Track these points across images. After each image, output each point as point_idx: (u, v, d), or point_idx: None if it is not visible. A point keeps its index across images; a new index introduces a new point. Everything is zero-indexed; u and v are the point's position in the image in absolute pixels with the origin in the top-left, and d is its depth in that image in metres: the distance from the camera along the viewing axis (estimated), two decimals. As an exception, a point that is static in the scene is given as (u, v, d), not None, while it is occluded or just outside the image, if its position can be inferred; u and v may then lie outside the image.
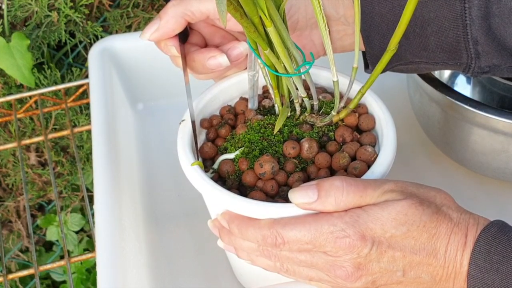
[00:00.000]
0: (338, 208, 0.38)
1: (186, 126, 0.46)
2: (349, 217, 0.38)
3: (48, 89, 0.76)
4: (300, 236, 0.38)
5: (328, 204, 0.38)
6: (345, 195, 0.38)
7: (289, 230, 0.38)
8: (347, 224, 0.38)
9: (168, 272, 0.57)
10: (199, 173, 0.42)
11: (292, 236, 0.38)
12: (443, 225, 0.39)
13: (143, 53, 0.71)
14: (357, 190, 0.38)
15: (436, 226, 0.39)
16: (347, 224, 0.38)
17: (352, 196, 0.38)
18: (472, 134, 0.55)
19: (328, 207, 0.38)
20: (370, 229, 0.38)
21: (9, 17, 0.77)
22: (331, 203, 0.38)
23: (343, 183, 0.38)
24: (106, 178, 0.55)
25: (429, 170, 0.64)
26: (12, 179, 0.92)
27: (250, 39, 0.39)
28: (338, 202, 0.38)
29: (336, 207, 0.38)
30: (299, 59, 0.41)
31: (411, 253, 0.39)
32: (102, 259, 0.49)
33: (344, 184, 0.38)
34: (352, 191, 0.38)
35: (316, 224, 0.38)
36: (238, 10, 0.33)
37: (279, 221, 0.39)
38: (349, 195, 0.38)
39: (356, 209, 0.39)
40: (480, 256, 0.38)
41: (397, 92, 0.68)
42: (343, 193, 0.38)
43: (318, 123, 0.45)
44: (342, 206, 0.38)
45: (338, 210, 0.39)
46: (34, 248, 0.61)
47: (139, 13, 0.83)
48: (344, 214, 0.39)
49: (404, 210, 0.38)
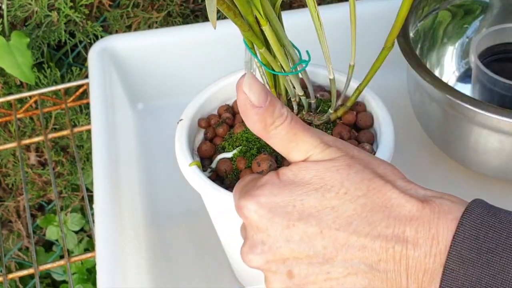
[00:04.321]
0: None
1: (184, 126, 0.46)
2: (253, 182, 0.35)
3: (48, 89, 0.76)
4: None
5: None
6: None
7: None
8: (247, 193, 0.34)
9: (168, 272, 0.57)
10: (197, 172, 0.42)
11: None
12: (381, 194, 0.32)
13: (143, 53, 0.71)
14: (292, 130, 0.34)
15: (366, 194, 0.32)
16: (248, 193, 0.34)
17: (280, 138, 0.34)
18: (472, 133, 0.55)
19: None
20: (273, 195, 0.33)
21: (9, 17, 0.77)
22: None
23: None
24: (106, 178, 0.55)
25: (429, 170, 0.64)
26: (12, 179, 0.92)
27: (245, 37, 0.39)
28: None
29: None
30: (296, 57, 0.41)
31: (330, 228, 0.32)
32: (102, 259, 0.49)
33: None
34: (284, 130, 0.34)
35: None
36: (232, 9, 0.33)
37: None
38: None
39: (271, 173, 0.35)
40: (464, 244, 0.30)
41: (397, 91, 0.68)
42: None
43: (316, 122, 0.45)
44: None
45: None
46: (34, 248, 0.61)
47: (139, 13, 0.83)
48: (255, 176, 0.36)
49: (320, 173, 0.33)
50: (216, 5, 0.29)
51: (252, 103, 0.34)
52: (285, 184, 0.34)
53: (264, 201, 0.34)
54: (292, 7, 0.89)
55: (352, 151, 0.35)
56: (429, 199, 0.32)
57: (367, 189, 0.32)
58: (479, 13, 0.68)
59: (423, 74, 0.55)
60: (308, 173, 0.34)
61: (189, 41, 0.70)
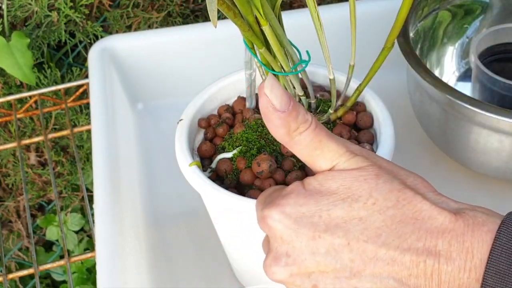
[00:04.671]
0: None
1: (184, 126, 0.46)
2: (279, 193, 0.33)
3: (48, 89, 0.76)
4: None
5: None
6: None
7: None
8: (272, 204, 0.33)
9: (168, 272, 0.57)
10: (197, 172, 0.42)
11: None
12: (411, 205, 0.31)
13: (143, 53, 0.71)
14: (318, 135, 0.33)
15: (396, 205, 0.31)
16: (272, 204, 0.33)
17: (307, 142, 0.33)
18: (472, 133, 0.55)
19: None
20: (299, 205, 0.32)
21: (9, 17, 0.77)
22: None
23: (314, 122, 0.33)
24: (106, 178, 0.55)
25: (429, 170, 0.64)
26: (12, 179, 0.92)
27: (245, 37, 0.39)
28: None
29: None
30: (296, 57, 0.41)
31: (358, 240, 0.30)
32: (102, 259, 0.49)
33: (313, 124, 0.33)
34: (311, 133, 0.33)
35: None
36: (232, 9, 0.33)
37: None
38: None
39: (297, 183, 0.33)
40: (502, 258, 0.28)
41: (397, 91, 0.68)
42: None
43: (316, 122, 0.45)
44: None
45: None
46: (34, 248, 0.61)
47: (139, 13, 0.83)
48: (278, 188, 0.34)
49: (347, 182, 0.32)
50: (216, 5, 0.29)
51: (275, 107, 0.32)
52: (311, 193, 0.32)
53: (289, 210, 0.32)
54: (292, 7, 0.89)
55: (380, 161, 0.33)
56: (462, 211, 0.31)
57: (396, 200, 0.31)
58: (479, 13, 0.68)
59: (423, 74, 0.55)
60: (335, 183, 0.32)
61: (189, 41, 0.70)
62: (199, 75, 0.71)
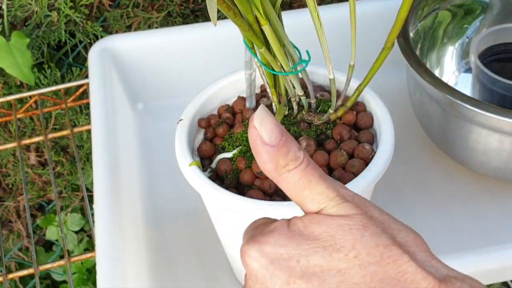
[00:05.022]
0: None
1: (184, 126, 0.46)
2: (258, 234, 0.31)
3: (48, 89, 0.76)
4: None
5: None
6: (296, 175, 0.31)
7: None
8: (252, 241, 0.31)
9: (168, 272, 0.57)
10: (197, 172, 0.42)
11: None
12: (395, 265, 0.29)
13: (143, 53, 0.71)
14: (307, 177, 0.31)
15: (379, 262, 0.29)
16: (252, 242, 0.31)
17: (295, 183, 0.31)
18: (472, 133, 0.55)
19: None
20: (279, 245, 0.30)
21: (9, 17, 0.77)
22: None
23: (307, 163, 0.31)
24: (106, 178, 0.55)
25: (429, 170, 0.64)
26: (12, 179, 0.92)
27: (245, 37, 0.39)
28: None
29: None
30: (296, 57, 0.41)
31: None
32: (102, 259, 0.49)
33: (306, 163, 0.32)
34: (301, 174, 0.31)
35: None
36: (232, 8, 0.33)
37: None
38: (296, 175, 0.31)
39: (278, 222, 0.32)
40: None
41: (397, 91, 0.68)
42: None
43: (316, 122, 0.45)
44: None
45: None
46: (34, 248, 0.61)
47: (139, 13, 0.83)
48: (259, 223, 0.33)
49: (331, 229, 0.30)
50: (216, 4, 0.29)
51: (263, 140, 0.31)
52: (293, 235, 0.31)
53: (268, 250, 0.31)
54: (292, 7, 0.89)
55: (372, 211, 0.31)
56: (449, 279, 0.29)
57: (380, 257, 0.29)
58: (479, 13, 0.68)
59: (423, 74, 0.55)
60: (319, 227, 0.30)
61: (189, 41, 0.70)
62: (199, 75, 0.71)
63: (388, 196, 0.61)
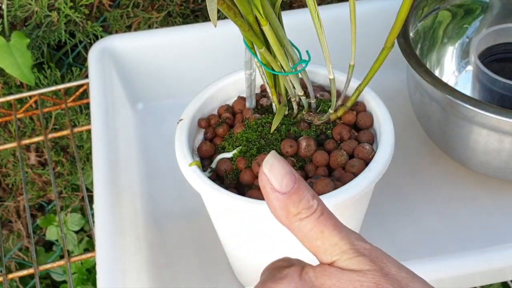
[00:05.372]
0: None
1: (184, 126, 0.46)
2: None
3: (48, 89, 0.76)
4: None
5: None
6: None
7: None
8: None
9: (168, 272, 0.57)
10: (197, 172, 0.42)
11: None
12: None
13: (143, 53, 0.71)
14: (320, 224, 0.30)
15: None
16: None
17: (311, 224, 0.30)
18: (472, 133, 0.55)
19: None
20: None
21: (9, 17, 0.77)
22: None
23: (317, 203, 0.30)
24: (106, 178, 0.55)
25: (429, 170, 0.64)
26: (12, 179, 0.92)
27: (245, 37, 0.39)
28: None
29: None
30: (296, 57, 0.41)
31: None
32: (102, 259, 0.49)
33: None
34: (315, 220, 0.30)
35: None
36: (232, 9, 0.33)
37: None
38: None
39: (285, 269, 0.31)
40: None
41: (397, 91, 0.68)
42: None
43: (316, 122, 0.45)
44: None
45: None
46: (34, 248, 0.61)
47: (139, 13, 0.83)
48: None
49: (341, 284, 0.29)
50: (216, 4, 0.29)
51: (273, 187, 0.30)
52: (303, 284, 0.30)
53: None
54: (292, 7, 0.89)
55: (389, 267, 0.29)
56: None
57: None
58: (479, 13, 0.68)
59: (423, 74, 0.55)
60: (329, 280, 0.29)
61: (189, 41, 0.70)
62: (199, 75, 0.71)
63: (388, 196, 0.61)
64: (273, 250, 0.47)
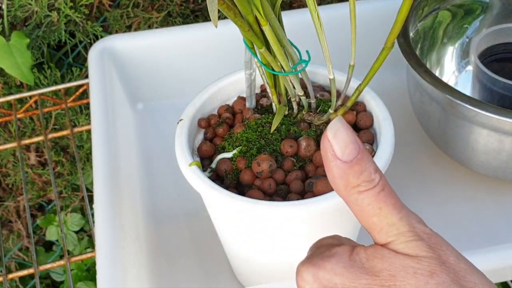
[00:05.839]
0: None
1: (184, 126, 0.46)
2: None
3: (48, 89, 0.76)
4: None
5: None
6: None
7: None
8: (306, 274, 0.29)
9: (168, 272, 0.57)
10: (197, 172, 0.42)
11: None
12: None
13: (143, 53, 0.71)
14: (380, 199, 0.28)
15: None
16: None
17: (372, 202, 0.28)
18: (472, 133, 0.55)
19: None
20: (335, 273, 0.29)
21: (9, 17, 0.77)
22: None
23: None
24: (106, 178, 0.55)
25: (429, 170, 0.64)
26: (12, 179, 0.92)
27: (245, 37, 0.39)
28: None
29: None
30: (296, 57, 0.41)
31: None
32: (102, 259, 0.49)
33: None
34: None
35: None
36: (232, 9, 0.33)
37: None
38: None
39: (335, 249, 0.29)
40: None
41: (397, 91, 0.68)
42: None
43: (316, 122, 0.45)
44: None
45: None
46: (34, 248, 0.61)
47: (139, 13, 0.83)
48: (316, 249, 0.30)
49: (394, 268, 0.27)
50: (217, 5, 0.29)
51: (335, 154, 0.28)
52: (352, 265, 0.29)
53: (322, 275, 0.29)
54: (292, 7, 0.89)
55: (448, 255, 0.28)
56: None
57: None
58: (479, 13, 0.68)
59: (423, 74, 0.55)
60: (381, 264, 0.28)
61: (189, 41, 0.70)
62: (199, 75, 0.71)
63: (388, 196, 0.61)
64: (273, 250, 0.47)
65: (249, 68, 0.46)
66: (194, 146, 0.47)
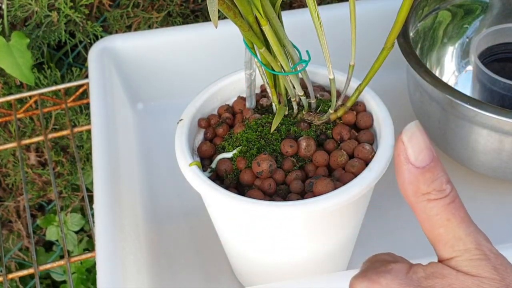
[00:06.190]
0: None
1: (184, 126, 0.46)
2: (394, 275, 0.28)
3: (48, 89, 0.76)
4: None
5: None
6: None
7: None
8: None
9: (168, 272, 0.57)
10: (197, 172, 0.42)
11: None
12: None
13: (143, 53, 0.71)
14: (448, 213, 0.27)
15: None
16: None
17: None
18: (472, 133, 0.55)
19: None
20: None
21: (9, 17, 0.77)
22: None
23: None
24: (106, 178, 0.55)
25: (429, 170, 0.64)
26: (12, 179, 0.92)
27: (245, 37, 0.39)
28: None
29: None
30: (296, 57, 0.41)
31: None
32: (102, 259, 0.49)
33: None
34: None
35: None
36: (232, 9, 0.33)
37: None
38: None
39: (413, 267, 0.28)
40: None
41: (397, 91, 0.68)
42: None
43: (316, 122, 0.45)
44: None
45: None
46: (34, 248, 0.61)
47: (139, 13, 0.83)
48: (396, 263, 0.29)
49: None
50: (217, 5, 0.29)
51: (408, 158, 0.28)
52: (409, 283, 0.28)
53: None
54: (292, 7, 0.89)
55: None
56: None
57: None
58: (479, 13, 0.68)
59: (423, 74, 0.55)
60: (441, 283, 0.27)
61: (189, 41, 0.70)
62: (199, 75, 0.71)
63: (388, 196, 0.61)
64: (273, 250, 0.47)
65: (249, 68, 0.46)
66: (194, 146, 0.47)
